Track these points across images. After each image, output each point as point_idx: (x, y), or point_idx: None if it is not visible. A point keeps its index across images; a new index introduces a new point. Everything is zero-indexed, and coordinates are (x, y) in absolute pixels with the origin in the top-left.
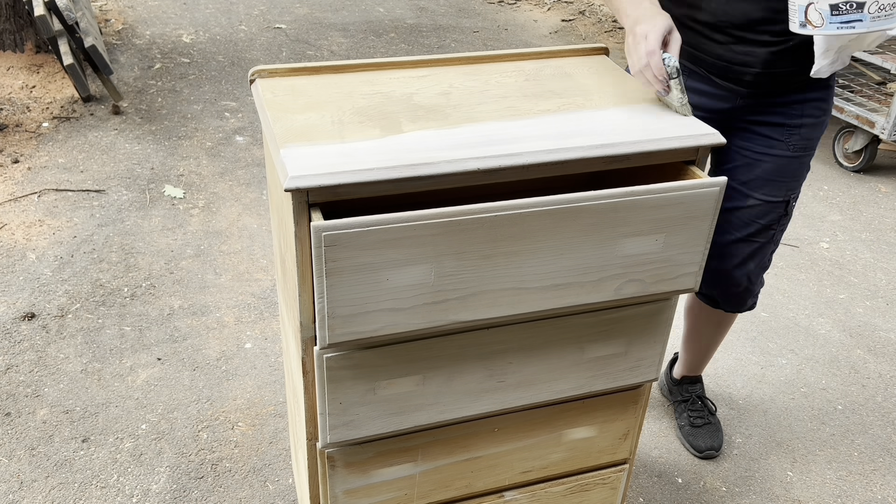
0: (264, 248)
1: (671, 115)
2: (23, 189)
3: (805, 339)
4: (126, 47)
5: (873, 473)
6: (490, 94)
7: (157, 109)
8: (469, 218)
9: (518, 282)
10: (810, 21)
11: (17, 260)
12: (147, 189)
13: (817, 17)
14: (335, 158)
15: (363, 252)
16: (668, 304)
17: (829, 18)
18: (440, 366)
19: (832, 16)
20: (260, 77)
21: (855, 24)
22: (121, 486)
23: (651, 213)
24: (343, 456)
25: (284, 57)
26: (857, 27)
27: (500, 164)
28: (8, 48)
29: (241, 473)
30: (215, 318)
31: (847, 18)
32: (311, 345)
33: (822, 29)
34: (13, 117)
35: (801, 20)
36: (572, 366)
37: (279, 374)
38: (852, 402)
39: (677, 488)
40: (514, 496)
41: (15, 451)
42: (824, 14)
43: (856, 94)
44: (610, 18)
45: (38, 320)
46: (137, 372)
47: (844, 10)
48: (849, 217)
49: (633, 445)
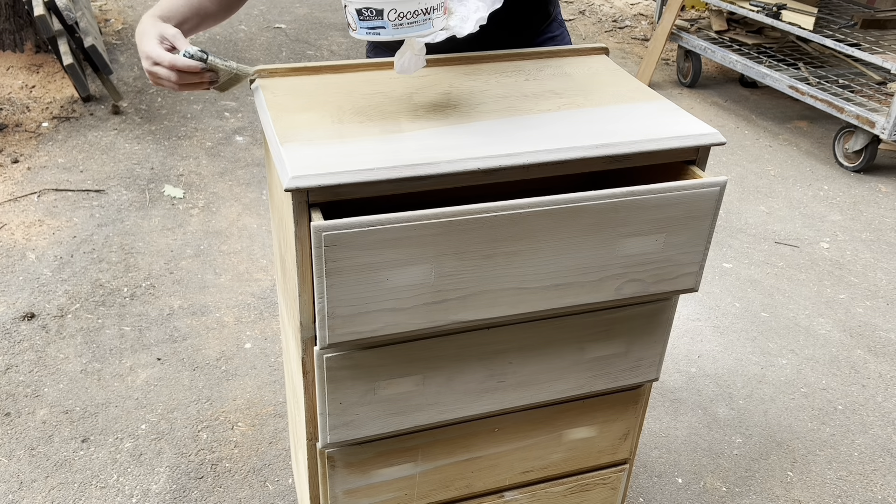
0: (264, 248)
1: (671, 116)
2: (22, 189)
3: (805, 339)
4: (126, 47)
5: (873, 474)
6: (490, 94)
7: (157, 109)
8: (469, 218)
9: (518, 282)
10: (350, 23)
11: (17, 260)
12: (147, 189)
13: (352, 21)
14: (335, 158)
15: (363, 252)
16: (668, 304)
17: (359, 23)
18: (440, 366)
19: (360, 21)
20: (260, 77)
21: (379, 30)
22: (120, 486)
23: (651, 212)
24: (343, 456)
25: (284, 57)
26: (381, 34)
27: (500, 164)
28: (8, 48)
29: (240, 473)
30: (215, 318)
31: (372, 25)
32: (311, 345)
33: (357, 33)
34: (13, 117)
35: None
36: (572, 366)
37: (279, 374)
38: (852, 402)
39: (677, 488)
40: (514, 496)
41: (15, 451)
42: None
43: (856, 94)
44: (610, 18)
45: (38, 320)
46: (137, 372)
47: (367, 16)
48: (849, 217)
49: (634, 445)
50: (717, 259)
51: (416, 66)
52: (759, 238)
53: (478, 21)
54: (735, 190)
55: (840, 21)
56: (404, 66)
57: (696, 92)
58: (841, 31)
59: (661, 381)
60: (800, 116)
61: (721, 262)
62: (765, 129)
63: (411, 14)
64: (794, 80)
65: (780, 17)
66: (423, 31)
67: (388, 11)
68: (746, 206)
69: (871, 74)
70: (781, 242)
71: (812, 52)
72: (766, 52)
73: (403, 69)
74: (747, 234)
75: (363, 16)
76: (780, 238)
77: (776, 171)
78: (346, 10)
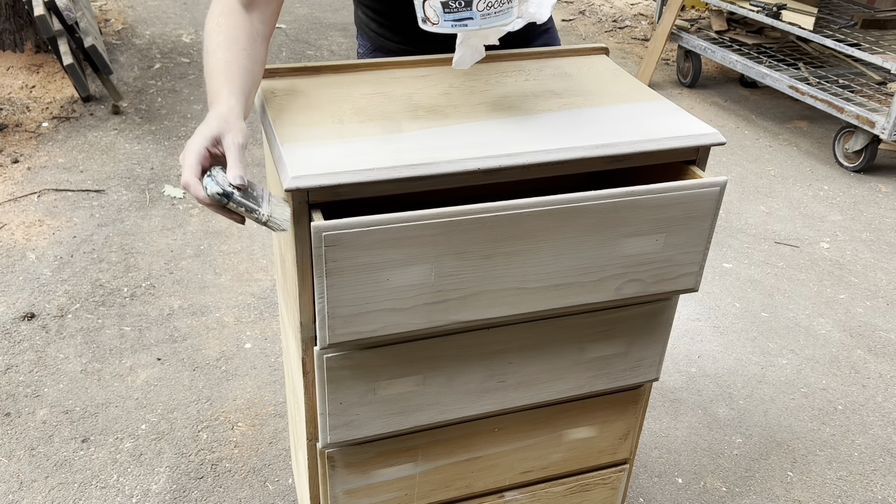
0: (264, 248)
1: (671, 115)
2: (22, 189)
3: (805, 339)
4: (126, 47)
5: (873, 474)
6: (490, 94)
7: (157, 109)
8: (469, 218)
9: (518, 282)
10: (428, 18)
11: (17, 260)
12: (147, 189)
13: (433, 14)
14: (335, 158)
15: (363, 252)
16: (668, 304)
17: (443, 16)
18: (440, 366)
19: (445, 13)
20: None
21: (467, 21)
22: (120, 486)
23: (651, 213)
24: (343, 456)
25: (284, 57)
26: (469, 25)
27: (500, 164)
28: (8, 48)
29: (240, 474)
30: (215, 318)
31: (459, 17)
32: (311, 345)
33: (438, 26)
34: (13, 117)
35: (421, 16)
36: (572, 366)
37: (279, 374)
38: (852, 403)
39: (677, 488)
40: (514, 496)
41: (15, 451)
42: (438, 12)
43: (856, 94)
44: (610, 18)
45: (38, 320)
46: (137, 372)
47: (454, 8)
48: (849, 217)
49: (634, 445)
50: (717, 259)
51: (473, 59)
52: (759, 238)
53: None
54: (735, 190)
55: (840, 21)
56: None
57: (696, 92)
58: (841, 31)
59: (661, 381)
60: (800, 116)
61: (721, 262)
62: (765, 129)
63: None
64: (794, 80)
65: (780, 17)
66: (506, 21)
67: (477, 2)
68: (746, 206)
69: (871, 74)
70: (781, 242)
71: (812, 52)
72: (766, 52)
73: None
74: (747, 234)
75: (449, 8)
76: (780, 238)
77: (776, 171)
78: (426, 3)
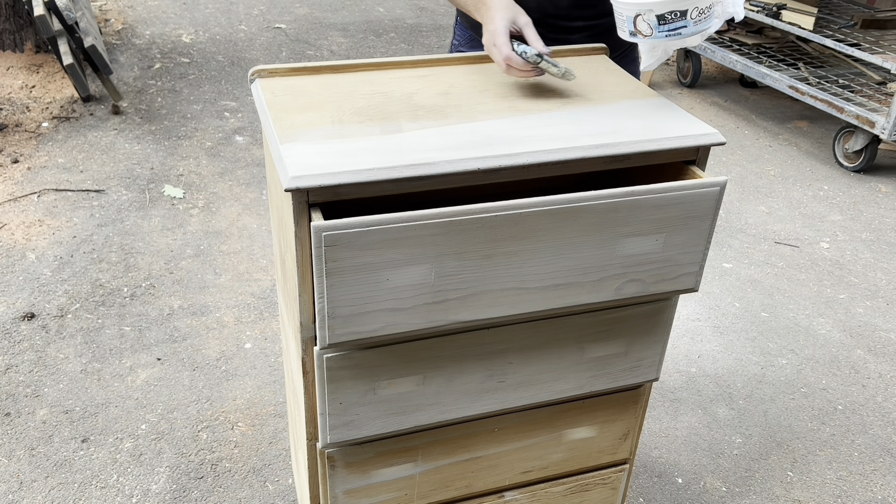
0: (264, 248)
1: (671, 116)
2: (22, 189)
3: (805, 339)
4: (126, 47)
5: (873, 474)
6: (490, 94)
7: (157, 109)
8: (469, 218)
9: (518, 282)
10: (640, 31)
11: (17, 260)
12: (147, 189)
13: (646, 27)
14: (335, 158)
15: (363, 252)
16: (668, 304)
17: (657, 28)
18: (440, 366)
19: (660, 25)
20: (260, 77)
21: (681, 30)
22: (120, 486)
23: (651, 212)
24: (343, 456)
25: (284, 57)
26: (683, 32)
27: (500, 164)
28: (8, 48)
29: (240, 473)
30: (215, 318)
31: (673, 27)
32: (311, 345)
33: (651, 38)
34: (13, 117)
35: (630, 30)
36: (572, 366)
37: (279, 374)
38: (852, 403)
39: (677, 488)
40: (514, 496)
41: (15, 451)
42: (652, 24)
43: (856, 94)
44: None
45: (38, 320)
46: (137, 372)
47: (670, 19)
48: (849, 217)
49: (634, 445)
50: (717, 259)
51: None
52: (759, 238)
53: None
54: (735, 190)
55: (840, 21)
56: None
57: (696, 92)
58: (841, 31)
59: (661, 381)
60: (800, 116)
61: (721, 262)
62: (765, 129)
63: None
64: (794, 80)
65: (780, 17)
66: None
67: (692, 10)
68: (746, 206)
69: (871, 74)
70: (781, 242)
71: (812, 52)
72: (766, 52)
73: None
74: (747, 234)
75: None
76: (780, 238)
77: (776, 171)
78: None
